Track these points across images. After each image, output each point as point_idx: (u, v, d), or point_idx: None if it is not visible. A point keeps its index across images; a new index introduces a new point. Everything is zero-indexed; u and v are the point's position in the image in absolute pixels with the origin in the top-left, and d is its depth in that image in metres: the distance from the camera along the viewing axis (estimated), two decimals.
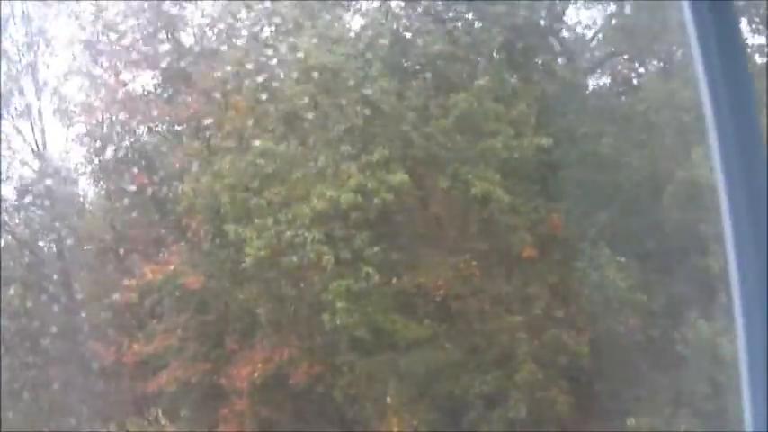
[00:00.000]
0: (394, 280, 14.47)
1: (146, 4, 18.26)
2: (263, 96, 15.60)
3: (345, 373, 15.05)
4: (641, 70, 16.16)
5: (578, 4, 16.15)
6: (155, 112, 18.41)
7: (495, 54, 14.93)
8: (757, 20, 14.80)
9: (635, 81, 16.18)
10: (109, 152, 18.64)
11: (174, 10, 18.19)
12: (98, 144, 18.68)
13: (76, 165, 19.05)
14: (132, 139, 18.86)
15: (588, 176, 14.84)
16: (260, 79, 15.62)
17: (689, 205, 14.97)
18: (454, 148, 14.11)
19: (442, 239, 14.90)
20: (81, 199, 19.94)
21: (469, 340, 14.72)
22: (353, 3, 15.74)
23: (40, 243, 18.65)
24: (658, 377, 14.60)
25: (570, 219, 14.67)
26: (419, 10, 15.39)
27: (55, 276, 17.97)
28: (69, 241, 18.10)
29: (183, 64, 17.45)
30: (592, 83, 16.74)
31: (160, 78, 18.24)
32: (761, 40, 15.33)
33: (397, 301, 14.72)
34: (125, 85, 18.46)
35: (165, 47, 17.87)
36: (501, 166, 14.00)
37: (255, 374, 15.17)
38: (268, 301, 15.58)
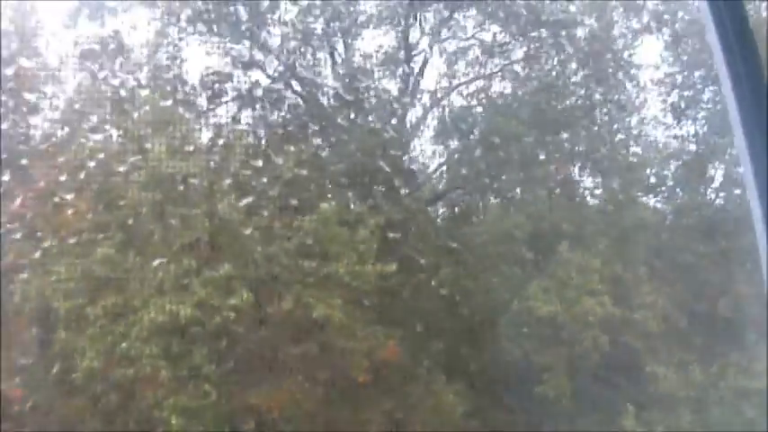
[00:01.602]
0: (224, 401, 14.66)
1: None
2: (106, 201, 15.80)
3: None
4: (480, 204, 17.55)
5: (424, 137, 17.55)
6: None
7: (341, 178, 15.89)
8: None
9: (475, 214, 17.53)
10: None
11: (24, 105, 18.24)
12: None
13: None
14: None
15: (426, 305, 15.83)
16: (104, 182, 15.88)
17: (524, 335, 16.19)
18: (297, 270, 14.75)
19: (280, 360, 15.32)
20: None
21: None
22: (204, 114, 16.38)
23: None
24: None
25: (407, 346, 15.50)
26: (269, 129, 16.26)
27: None
28: None
29: (23, 160, 17.42)
30: (434, 213, 17.93)
31: None
32: None
33: (230, 421, 14.89)
34: None
35: (7, 138, 17.81)
36: (342, 291, 14.72)
37: None
38: (94, 416, 15.34)
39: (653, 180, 18.95)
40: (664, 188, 19.22)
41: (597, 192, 18.49)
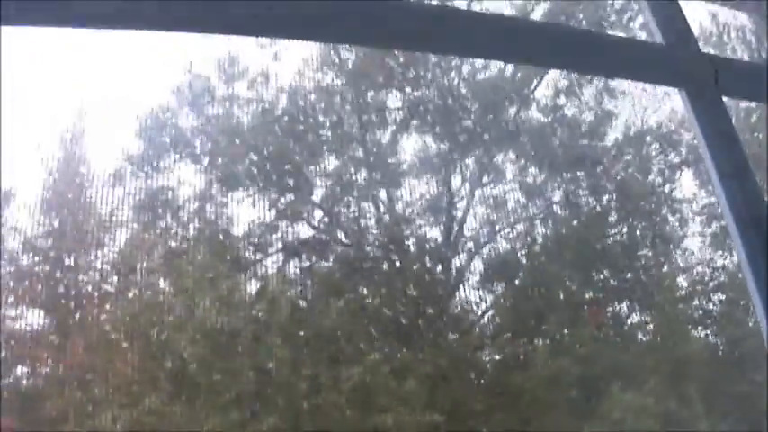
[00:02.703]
0: None
1: (49, 242, 18.57)
2: (155, 352, 15.70)
3: None
4: (529, 348, 17.13)
5: (470, 282, 17.33)
6: (39, 355, 18.15)
7: (388, 327, 15.67)
8: None
9: (523, 358, 17.08)
10: None
11: (76, 252, 18.50)
12: None
13: None
14: (10, 380, 18.34)
15: None
16: (154, 333, 15.85)
17: None
18: (345, 421, 14.34)
19: None
20: None
21: None
22: (251, 266, 16.40)
23: None
24: None
25: None
26: (315, 279, 16.18)
27: None
28: None
29: (76, 309, 17.52)
30: (481, 359, 17.53)
31: (51, 320, 18.10)
32: None
33: None
34: (12, 320, 18.32)
35: (60, 288, 17.99)
36: None
37: None
38: None
39: (700, 312, 18.45)
40: (710, 321, 18.68)
41: (647, 328, 17.99)
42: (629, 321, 17.66)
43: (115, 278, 18.27)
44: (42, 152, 18.01)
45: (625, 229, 17.82)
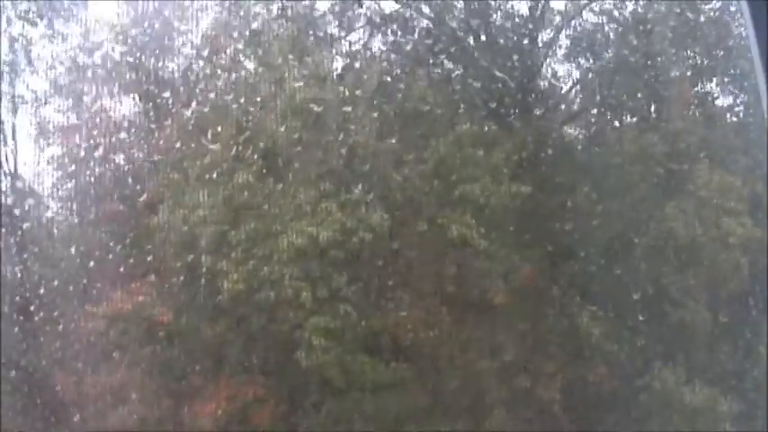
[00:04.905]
0: (363, 322, 14.51)
1: (134, 31, 18.41)
2: (245, 130, 15.72)
3: (311, 413, 15.00)
4: (616, 123, 16.60)
5: (556, 57, 16.63)
6: (134, 140, 18.43)
7: (474, 101, 15.28)
8: None
9: (610, 134, 16.60)
10: (84, 177, 18.56)
11: (162, 39, 18.33)
12: (73, 168, 18.59)
13: (49, 187, 18.96)
14: (109, 165, 18.76)
15: (562, 225, 15.15)
16: (242, 113, 15.81)
17: (661, 258, 15.32)
18: (432, 192, 14.38)
19: (417, 282, 15.08)
20: (50, 222, 19.76)
21: (438, 385, 14.81)
22: (337, 43, 15.99)
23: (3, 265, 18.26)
24: (625, 425, 14.79)
25: (543, 266, 14.92)
26: (401, 54, 15.73)
27: (16, 299, 17.59)
28: (34, 265, 17.81)
29: (166, 93, 17.54)
30: (568, 133, 17.10)
31: (142, 106, 18.21)
32: None
33: (366, 342, 14.77)
34: (106, 110, 18.53)
35: (150, 75, 17.96)
36: (477, 212, 14.26)
37: (219, 412, 15.04)
38: (238, 338, 15.50)
39: None
40: None
41: (737, 109, 17.15)
42: (718, 102, 16.89)
43: (201, 62, 18.19)
44: None
45: (719, 4, 16.61)
